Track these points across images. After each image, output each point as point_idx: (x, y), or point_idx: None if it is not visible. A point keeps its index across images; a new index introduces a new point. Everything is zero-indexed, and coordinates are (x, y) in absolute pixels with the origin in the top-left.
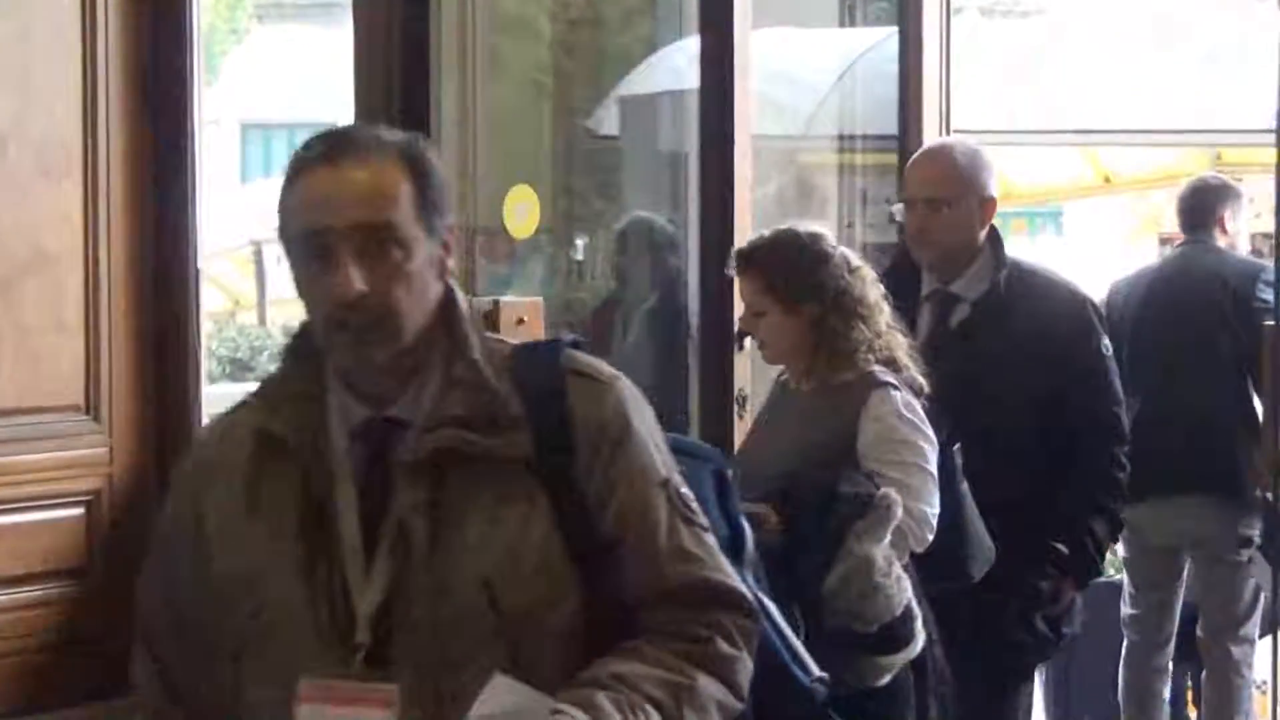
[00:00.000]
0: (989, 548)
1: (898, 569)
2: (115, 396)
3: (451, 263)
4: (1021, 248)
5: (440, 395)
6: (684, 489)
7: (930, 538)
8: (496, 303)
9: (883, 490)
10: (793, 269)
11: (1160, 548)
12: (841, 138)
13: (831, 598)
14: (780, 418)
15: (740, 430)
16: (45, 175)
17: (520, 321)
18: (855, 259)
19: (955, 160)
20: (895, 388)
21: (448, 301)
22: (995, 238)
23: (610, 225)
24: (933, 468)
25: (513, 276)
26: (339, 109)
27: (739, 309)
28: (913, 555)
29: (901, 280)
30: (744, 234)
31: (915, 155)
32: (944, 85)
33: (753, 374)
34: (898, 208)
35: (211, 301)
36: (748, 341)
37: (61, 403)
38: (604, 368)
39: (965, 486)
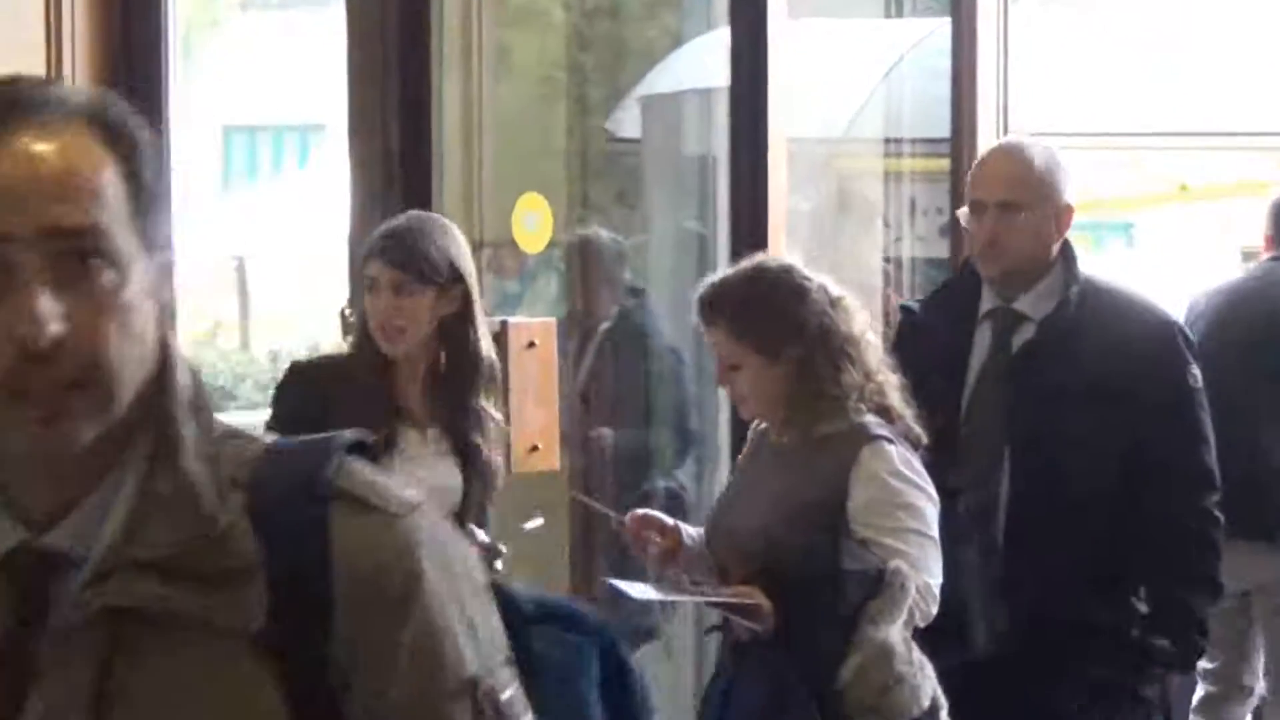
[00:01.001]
0: (998, 616)
1: (919, 654)
2: None
3: (171, 299)
4: (1086, 264)
5: (132, 520)
6: (507, 694)
7: (935, 612)
8: (504, 324)
9: (894, 564)
10: (768, 312)
11: (1229, 594)
12: (887, 141)
13: (847, 693)
14: (758, 475)
15: None
16: None
17: (531, 345)
18: (835, 288)
19: (1034, 159)
20: (889, 441)
21: (163, 363)
22: (1068, 251)
23: (633, 236)
24: (935, 532)
25: (523, 294)
26: (330, 108)
27: None
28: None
29: (958, 295)
30: (778, 247)
31: (986, 152)
32: (1001, 82)
33: None
34: (963, 212)
35: (189, 322)
36: None
37: None
38: (392, 489)
39: (969, 547)
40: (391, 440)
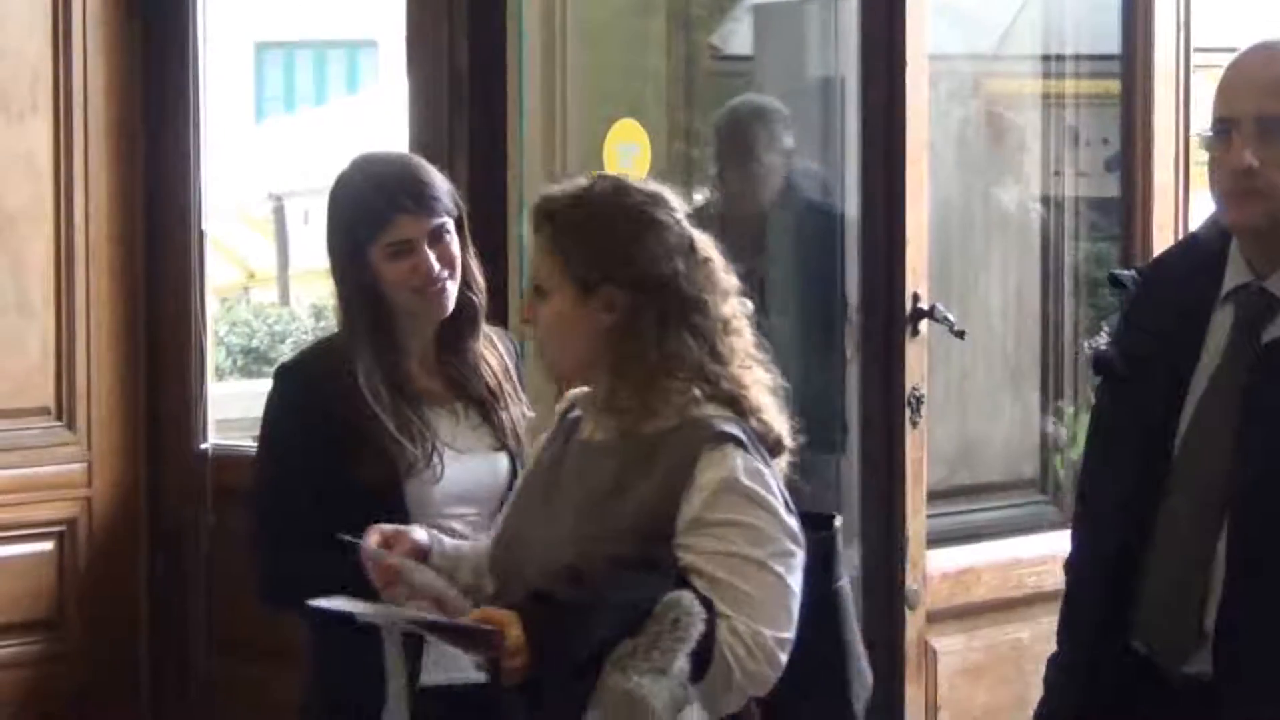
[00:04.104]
0: (868, 682)
1: (693, 717)
2: (95, 397)
3: None
4: None
5: None
6: None
7: (775, 676)
8: None
9: (673, 595)
10: (600, 229)
11: None
12: (1046, 58)
13: None
14: (560, 483)
15: (912, 443)
16: (3, 111)
17: None
18: (707, 245)
19: None
20: (737, 443)
21: None
22: None
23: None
24: (787, 572)
25: None
26: (384, 23)
27: (910, 281)
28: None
29: (1194, 263)
30: (917, 185)
31: (1239, 54)
32: None
33: (929, 366)
34: (1204, 136)
35: (219, 274)
36: (924, 325)
37: (25, 405)
38: None
39: (844, 584)
40: (423, 430)
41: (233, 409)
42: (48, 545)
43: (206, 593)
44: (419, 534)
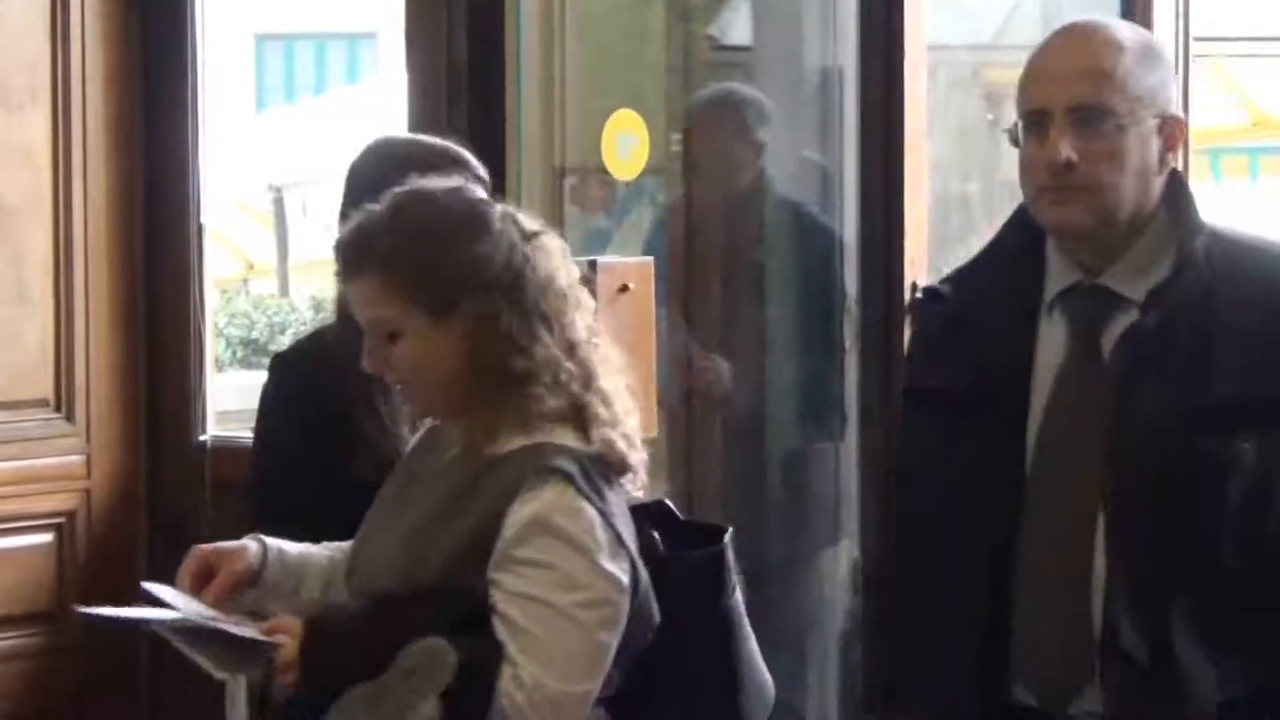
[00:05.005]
0: (770, 696)
1: None
2: (93, 389)
3: None
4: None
5: None
6: None
7: None
8: (593, 264)
9: (424, 641)
10: (435, 247)
11: None
12: None
13: None
14: (408, 498)
15: None
16: (2, 103)
17: (624, 289)
18: (530, 220)
19: (1125, 44)
20: (565, 477)
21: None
22: (1178, 189)
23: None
24: (597, 623)
25: (613, 229)
26: (383, 12)
27: (909, 271)
28: None
29: (1009, 268)
30: (916, 175)
31: (1046, 39)
32: None
33: None
34: (1009, 130)
35: (218, 265)
36: None
37: (23, 397)
38: None
39: (737, 600)
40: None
41: (232, 401)
42: (47, 537)
43: None
44: (250, 554)
